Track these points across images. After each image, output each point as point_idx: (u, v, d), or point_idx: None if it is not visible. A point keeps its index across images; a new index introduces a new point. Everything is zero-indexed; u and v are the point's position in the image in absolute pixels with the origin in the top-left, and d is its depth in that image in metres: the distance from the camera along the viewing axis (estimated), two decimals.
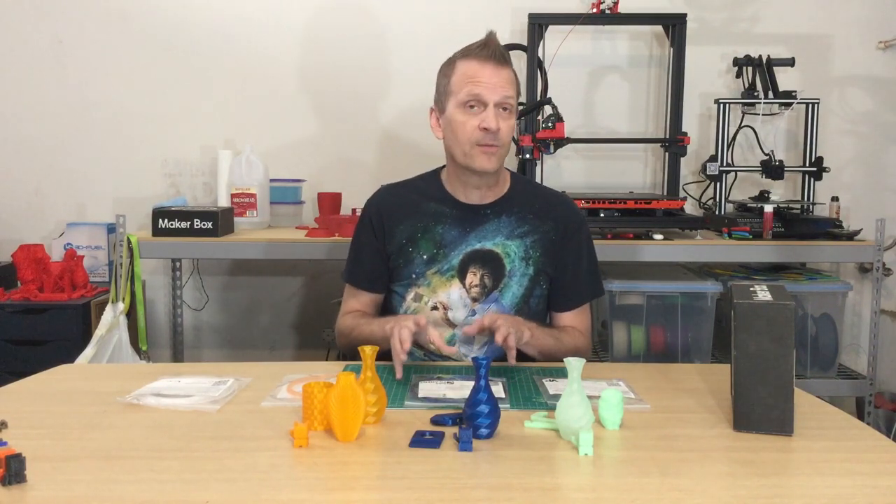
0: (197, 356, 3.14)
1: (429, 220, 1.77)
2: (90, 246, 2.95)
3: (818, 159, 2.83)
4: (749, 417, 1.25)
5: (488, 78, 1.64)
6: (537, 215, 1.78)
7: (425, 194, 1.81)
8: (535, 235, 1.77)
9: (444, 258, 1.74)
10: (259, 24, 3.04)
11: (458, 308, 1.74)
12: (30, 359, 2.56)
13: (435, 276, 1.74)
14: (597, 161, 3.09)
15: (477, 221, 1.76)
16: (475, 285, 1.73)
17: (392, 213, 1.80)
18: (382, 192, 1.88)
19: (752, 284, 1.32)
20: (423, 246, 1.76)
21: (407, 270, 1.76)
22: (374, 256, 1.80)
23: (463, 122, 1.66)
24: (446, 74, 1.71)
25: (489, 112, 1.64)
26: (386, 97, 3.07)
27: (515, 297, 1.75)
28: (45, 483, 1.05)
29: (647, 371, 1.67)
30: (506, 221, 1.77)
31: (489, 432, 1.22)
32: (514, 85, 1.70)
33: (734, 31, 3.05)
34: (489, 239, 1.75)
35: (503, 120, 1.66)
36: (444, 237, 1.75)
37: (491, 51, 1.66)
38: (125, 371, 1.89)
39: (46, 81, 3.05)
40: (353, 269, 1.84)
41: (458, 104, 1.66)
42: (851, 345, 3.09)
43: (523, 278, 1.75)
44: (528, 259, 1.75)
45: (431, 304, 1.75)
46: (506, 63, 1.67)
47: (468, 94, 1.65)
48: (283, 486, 1.06)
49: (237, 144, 3.01)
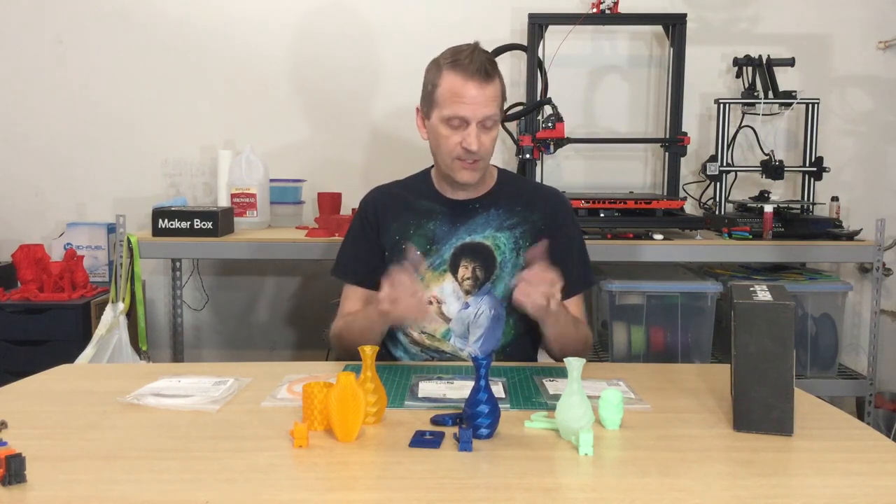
0: (197, 356, 3.14)
1: (420, 218, 1.80)
2: (90, 246, 2.95)
3: (818, 159, 2.83)
4: (749, 417, 1.25)
5: (472, 98, 1.65)
6: (525, 207, 1.81)
7: (416, 192, 1.84)
8: (525, 226, 1.79)
9: (436, 253, 1.77)
10: (259, 25, 3.04)
11: (452, 301, 1.76)
12: (30, 359, 2.56)
13: (428, 271, 1.76)
14: (597, 161, 3.09)
15: (466, 216, 1.79)
16: (467, 278, 1.76)
17: (386, 210, 1.83)
18: (375, 192, 1.90)
19: (752, 284, 1.32)
20: (417, 242, 1.78)
21: (400, 265, 1.77)
22: (372, 252, 1.82)
23: (446, 136, 1.69)
24: (432, 81, 1.71)
25: (471, 131, 1.66)
26: (386, 97, 3.07)
27: (508, 289, 1.76)
28: (45, 483, 1.05)
29: (647, 371, 1.67)
30: (494, 214, 1.79)
31: (489, 432, 1.22)
32: (499, 98, 1.71)
33: (734, 31, 3.05)
34: (479, 232, 1.78)
35: (484, 135, 1.68)
36: (435, 233, 1.78)
37: (477, 66, 1.65)
38: (125, 371, 1.89)
39: (46, 81, 3.05)
40: (352, 266, 1.85)
41: (441, 119, 1.69)
42: (851, 345, 3.09)
43: (514, 269, 1.76)
44: (518, 250, 1.77)
45: (425, 298, 1.75)
46: (490, 77, 1.67)
47: (452, 112, 1.66)
48: (283, 486, 1.06)
49: (237, 144, 3.01)
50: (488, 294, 1.76)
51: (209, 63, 3.04)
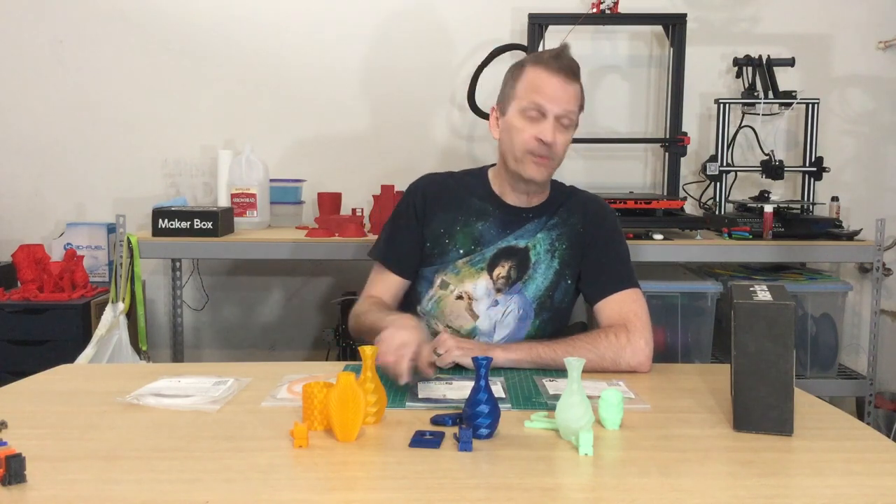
0: (197, 356, 3.14)
1: (470, 216, 1.78)
2: (90, 246, 2.95)
3: (818, 159, 2.83)
4: (749, 417, 1.25)
5: (554, 90, 1.65)
6: (567, 210, 1.80)
7: (470, 189, 1.82)
8: (562, 228, 1.78)
9: (478, 252, 1.76)
10: (259, 24, 3.04)
11: (483, 299, 1.75)
12: (30, 359, 2.56)
13: (465, 267, 1.75)
14: (597, 161, 3.09)
15: (518, 223, 1.78)
16: (502, 277, 1.75)
17: (435, 200, 1.81)
18: (427, 179, 1.87)
19: (752, 284, 1.32)
20: (461, 240, 1.77)
21: (440, 259, 1.78)
22: (411, 239, 1.80)
23: (520, 128, 1.67)
24: (514, 77, 1.71)
25: (548, 124, 1.65)
26: (386, 97, 3.07)
27: (539, 290, 1.75)
28: (45, 483, 1.05)
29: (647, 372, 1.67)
30: (543, 222, 1.78)
31: (489, 432, 1.22)
32: (579, 101, 1.70)
33: (734, 31, 3.05)
34: (525, 238, 1.77)
35: (560, 133, 1.67)
36: (483, 235, 1.77)
37: (563, 63, 1.66)
38: (125, 371, 1.89)
39: (46, 81, 3.05)
40: (387, 248, 1.83)
41: (519, 110, 1.68)
42: (851, 345, 3.09)
43: (548, 271, 1.75)
44: (553, 251, 1.76)
45: (457, 293, 1.76)
46: (575, 78, 1.68)
47: (531, 102, 1.65)
48: (283, 486, 1.06)
49: (237, 144, 3.01)
50: (518, 293, 1.75)
51: (209, 63, 3.04)
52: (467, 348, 1.56)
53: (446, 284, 1.76)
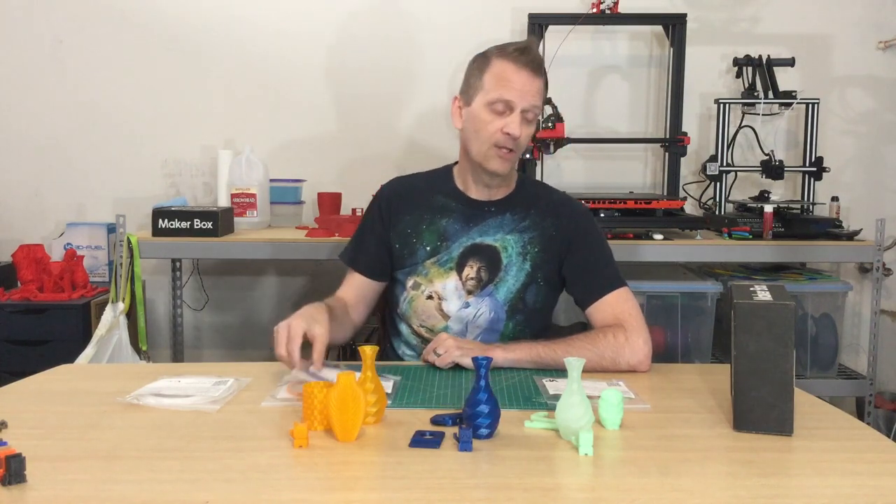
0: (197, 356, 3.14)
1: (435, 213, 1.80)
2: (90, 246, 2.95)
3: (818, 159, 2.83)
4: (749, 417, 1.25)
5: (521, 84, 1.65)
6: (539, 213, 1.80)
7: (435, 187, 1.84)
8: (535, 232, 1.78)
9: (444, 250, 1.77)
10: (259, 25, 3.03)
11: (453, 299, 1.76)
12: (30, 359, 2.56)
13: (433, 267, 1.77)
14: (597, 161, 3.09)
15: (480, 217, 1.79)
16: (471, 278, 1.76)
17: (400, 201, 1.83)
18: (395, 182, 1.90)
19: (752, 284, 1.32)
20: (427, 237, 1.78)
21: (410, 259, 1.79)
22: (378, 242, 1.82)
23: (487, 121, 1.68)
24: (479, 68, 1.71)
25: (514, 117, 1.66)
26: (385, 97, 3.07)
27: (510, 292, 1.76)
28: (45, 483, 1.04)
29: (647, 371, 1.67)
30: (508, 218, 1.79)
31: (489, 432, 1.22)
32: (543, 96, 1.72)
33: (734, 31, 3.05)
34: (490, 234, 1.78)
35: (525, 126, 1.68)
36: (447, 230, 1.78)
37: (529, 58, 1.67)
38: (125, 371, 1.89)
39: (46, 81, 3.04)
40: (354, 252, 1.86)
41: (486, 103, 1.68)
42: (851, 345, 3.08)
43: (519, 273, 1.76)
44: (524, 254, 1.77)
45: (427, 293, 1.77)
46: (541, 73, 1.69)
47: (498, 96, 1.66)
48: (283, 486, 1.06)
49: (237, 144, 3.01)
50: (490, 296, 1.76)
51: (209, 63, 3.04)
52: (467, 348, 1.57)
53: (418, 285, 1.78)
